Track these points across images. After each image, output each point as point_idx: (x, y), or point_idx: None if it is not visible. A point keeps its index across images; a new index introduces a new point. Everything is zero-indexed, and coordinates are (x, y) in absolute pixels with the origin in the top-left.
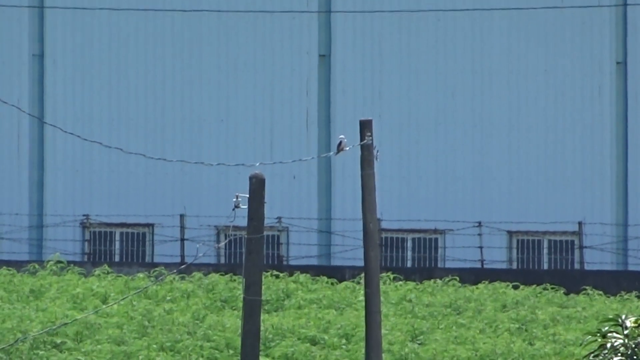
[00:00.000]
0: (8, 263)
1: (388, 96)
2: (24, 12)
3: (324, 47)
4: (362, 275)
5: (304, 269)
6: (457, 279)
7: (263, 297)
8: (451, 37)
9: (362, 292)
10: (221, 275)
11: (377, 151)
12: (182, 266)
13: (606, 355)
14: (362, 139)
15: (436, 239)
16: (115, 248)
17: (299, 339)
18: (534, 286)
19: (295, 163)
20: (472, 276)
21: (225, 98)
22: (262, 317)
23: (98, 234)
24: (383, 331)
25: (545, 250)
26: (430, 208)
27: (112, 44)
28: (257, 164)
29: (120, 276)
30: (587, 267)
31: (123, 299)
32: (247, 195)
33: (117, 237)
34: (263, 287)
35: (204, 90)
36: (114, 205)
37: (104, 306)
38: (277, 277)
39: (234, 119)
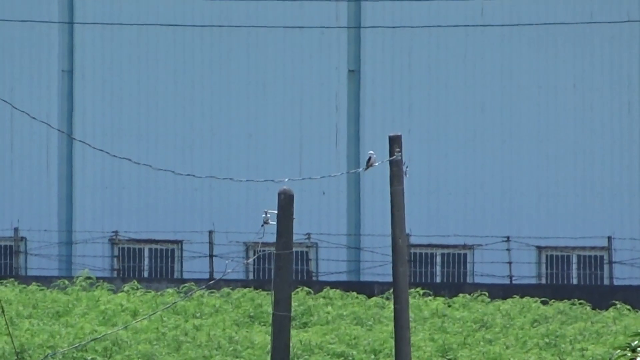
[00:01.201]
0: (37, 279)
1: (417, 111)
2: (53, 28)
3: (353, 63)
4: (391, 290)
5: (333, 284)
6: (486, 294)
7: (292, 313)
8: (480, 52)
9: (392, 307)
10: (250, 291)
11: (407, 167)
12: (211, 282)
13: None
14: (391, 154)
15: (465, 255)
16: (144, 264)
17: (327, 354)
18: (563, 301)
19: (325, 179)
20: (501, 292)
21: (254, 113)
22: (291, 333)
23: (127, 250)
24: (412, 347)
25: (575, 266)
26: (459, 223)
27: (141, 59)
28: (286, 180)
29: (150, 292)
30: (616, 282)
31: (152, 314)
32: (276, 212)
33: (146, 253)
34: (293, 303)
35: (232, 105)
36: (143, 221)
37: (133, 321)
38: (308, 293)
39: (263, 134)
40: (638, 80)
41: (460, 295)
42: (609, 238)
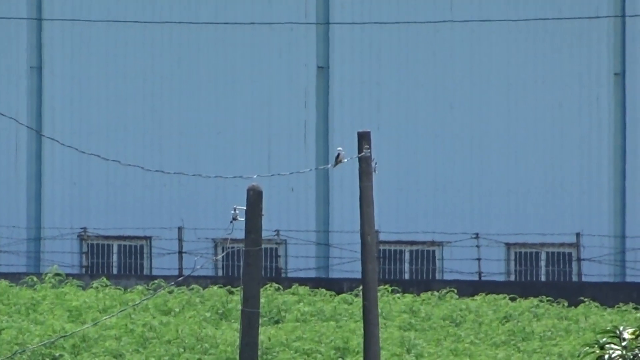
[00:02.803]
0: (6, 276)
1: (386, 108)
2: (21, 24)
3: (322, 59)
4: (360, 287)
5: (302, 281)
6: (455, 291)
7: (261, 310)
8: (449, 48)
9: (360, 304)
10: (219, 287)
11: (376, 163)
12: (180, 279)
13: None
14: (360, 151)
15: (434, 251)
16: (113, 260)
17: (295, 352)
18: (531, 298)
19: (293, 175)
20: (470, 288)
21: (223, 110)
22: (259, 330)
23: (96, 247)
24: (381, 344)
25: (543, 262)
26: (428, 220)
27: (109, 56)
28: (255, 176)
29: (119, 289)
30: (585, 279)
31: (121, 311)
32: (245, 208)
33: (115, 249)
34: (261, 299)
35: (201, 102)
36: (111, 217)
37: (101, 319)
38: (277, 289)
39: (231, 130)
40: (607, 77)
41: (429, 292)
42: (578, 235)
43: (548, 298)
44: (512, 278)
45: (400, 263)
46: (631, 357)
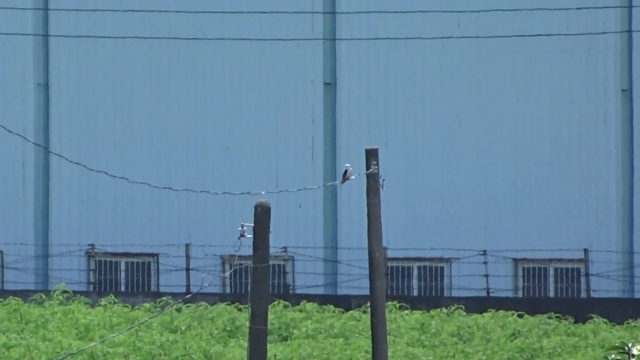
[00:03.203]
0: (14, 293)
1: (394, 124)
2: (28, 41)
3: (329, 75)
4: (368, 304)
5: (310, 298)
6: (463, 307)
7: (269, 327)
8: (457, 64)
9: (368, 321)
10: (227, 304)
11: (383, 180)
12: (188, 296)
13: None
14: (367, 167)
15: (442, 268)
16: (121, 277)
17: None
18: (539, 315)
19: (301, 192)
20: (478, 305)
21: (230, 126)
22: (267, 347)
23: (103, 264)
24: None
25: (552, 278)
26: (436, 237)
27: (116, 72)
28: (263, 193)
29: (127, 306)
30: (593, 294)
31: (129, 328)
32: (253, 225)
33: (123, 266)
34: (270, 316)
35: (209, 118)
36: (119, 234)
37: (109, 336)
38: (285, 306)
39: (239, 147)
40: (614, 92)
41: (438, 308)
42: (586, 250)
43: (556, 314)
44: (520, 294)
45: (408, 279)
46: None
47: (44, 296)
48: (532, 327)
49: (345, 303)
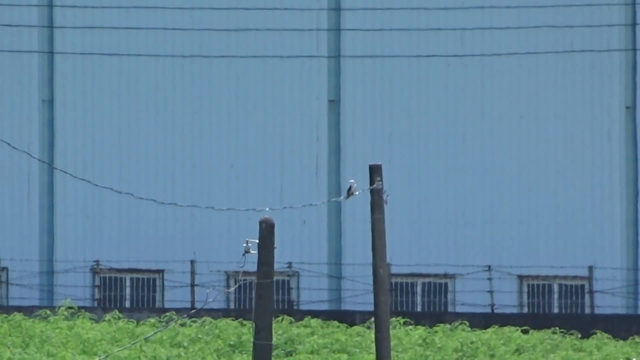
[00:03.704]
0: (19, 309)
1: (398, 141)
2: (33, 58)
3: (333, 92)
4: (373, 319)
5: (314, 313)
6: (467, 323)
7: (273, 342)
8: (461, 81)
9: (372, 336)
10: (231, 320)
11: (387, 196)
12: (192, 311)
13: None
14: (371, 183)
15: (446, 284)
16: (126, 294)
17: None
18: (544, 331)
19: (305, 208)
20: (482, 321)
21: (235, 143)
22: None
23: (108, 280)
24: None
25: (556, 295)
26: (440, 252)
27: (121, 89)
28: (267, 209)
29: (132, 322)
30: (597, 311)
31: (133, 343)
32: (257, 241)
33: (128, 282)
34: (275, 331)
35: (213, 135)
36: (124, 250)
37: (113, 351)
38: (290, 322)
39: (244, 164)
40: (618, 110)
41: (441, 324)
42: (590, 267)
43: (561, 330)
44: (525, 310)
45: (413, 295)
46: None
47: (48, 312)
48: (537, 342)
49: (349, 318)
